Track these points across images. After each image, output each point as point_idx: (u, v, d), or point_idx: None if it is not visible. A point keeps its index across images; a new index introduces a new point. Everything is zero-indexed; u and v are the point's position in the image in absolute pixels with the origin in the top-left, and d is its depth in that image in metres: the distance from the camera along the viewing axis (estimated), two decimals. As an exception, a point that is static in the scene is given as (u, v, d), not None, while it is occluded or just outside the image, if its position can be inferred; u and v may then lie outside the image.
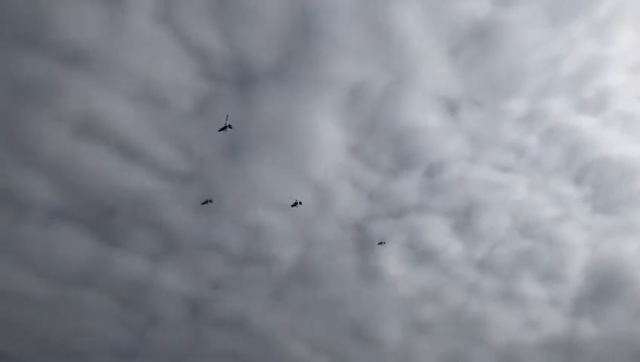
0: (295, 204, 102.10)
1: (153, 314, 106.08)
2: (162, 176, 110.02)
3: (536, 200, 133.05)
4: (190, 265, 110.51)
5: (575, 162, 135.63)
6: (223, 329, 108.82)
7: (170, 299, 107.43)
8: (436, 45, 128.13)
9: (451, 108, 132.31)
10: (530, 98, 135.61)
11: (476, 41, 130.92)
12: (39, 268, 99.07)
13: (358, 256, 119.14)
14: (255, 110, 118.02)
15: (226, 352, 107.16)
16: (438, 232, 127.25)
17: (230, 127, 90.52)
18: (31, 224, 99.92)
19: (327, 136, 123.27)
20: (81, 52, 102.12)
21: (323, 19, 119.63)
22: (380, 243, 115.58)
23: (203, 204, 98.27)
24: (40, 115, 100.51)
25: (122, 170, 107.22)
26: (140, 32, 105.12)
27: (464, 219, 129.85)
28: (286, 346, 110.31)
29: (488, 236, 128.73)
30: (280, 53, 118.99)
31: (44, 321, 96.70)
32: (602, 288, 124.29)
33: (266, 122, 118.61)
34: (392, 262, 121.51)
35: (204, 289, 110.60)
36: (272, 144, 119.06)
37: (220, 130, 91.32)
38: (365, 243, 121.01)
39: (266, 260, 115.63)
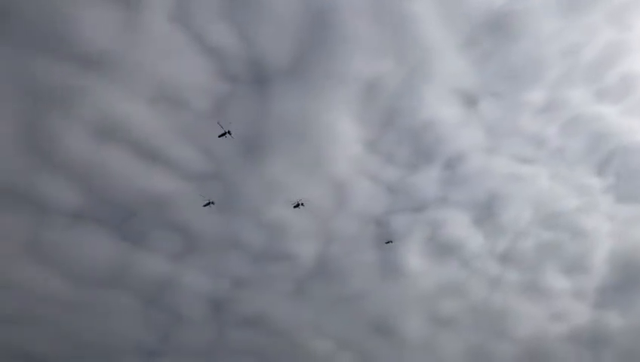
0: (297, 205, 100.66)
1: (177, 314, 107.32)
2: (182, 176, 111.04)
3: (559, 191, 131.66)
4: (212, 264, 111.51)
5: (597, 151, 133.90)
6: (245, 327, 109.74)
7: (193, 298, 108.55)
8: (452, 37, 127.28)
9: (469, 100, 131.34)
10: (549, 88, 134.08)
11: (492, 32, 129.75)
12: (64, 270, 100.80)
13: (379, 252, 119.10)
14: (272, 108, 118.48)
15: (249, 350, 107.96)
16: (459, 225, 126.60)
17: (229, 132, 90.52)
18: (55, 227, 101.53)
19: (344, 132, 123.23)
20: (99, 55, 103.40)
21: (337, 15, 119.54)
22: (388, 243, 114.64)
23: (205, 206, 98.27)
24: (61, 119, 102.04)
25: (143, 172, 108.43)
26: (156, 34, 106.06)
27: (485, 212, 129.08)
28: (308, 343, 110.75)
29: (510, 228, 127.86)
30: (295, 51, 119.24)
31: (70, 321, 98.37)
32: (628, 278, 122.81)
33: (283, 120, 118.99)
34: (413, 257, 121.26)
35: (227, 288, 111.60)
36: (289, 141, 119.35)
37: (219, 136, 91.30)
38: (386, 238, 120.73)
39: (286, 257, 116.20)
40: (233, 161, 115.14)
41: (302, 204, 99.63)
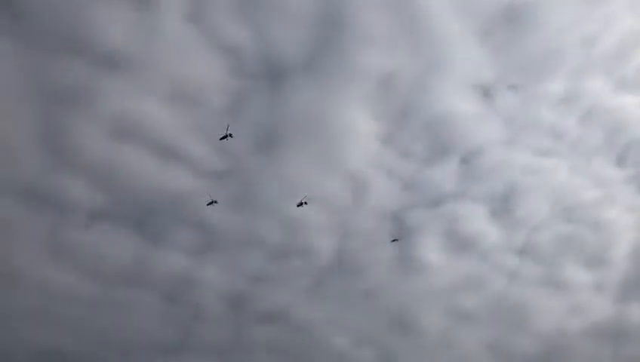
0: (301, 204, 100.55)
1: (196, 310, 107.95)
2: (199, 173, 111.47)
3: (578, 183, 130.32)
4: (230, 261, 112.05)
5: (616, 142, 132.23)
6: (264, 323, 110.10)
7: (212, 294, 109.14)
8: (467, 29, 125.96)
9: (486, 92, 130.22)
10: (567, 79, 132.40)
11: (508, 23, 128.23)
12: (84, 268, 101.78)
13: (396, 246, 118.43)
14: (287, 104, 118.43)
15: (268, 345, 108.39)
16: (476, 219, 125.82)
17: (231, 135, 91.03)
18: (75, 226, 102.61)
19: (360, 127, 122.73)
20: (115, 55, 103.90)
21: (350, 9, 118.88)
22: (394, 241, 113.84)
23: (208, 205, 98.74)
24: (78, 118, 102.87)
25: (160, 170, 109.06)
26: (171, 33, 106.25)
27: (503, 205, 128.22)
28: (327, 338, 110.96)
29: (528, 221, 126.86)
30: (309, 46, 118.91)
31: (90, 319, 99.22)
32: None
33: (299, 116, 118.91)
34: (431, 251, 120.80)
35: (245, 284, 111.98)
36: (305, 138, 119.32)
37: (220, 139, 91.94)
38: (403, 233, 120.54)
39: (304, 253, 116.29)
40: (249, 158, 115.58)
41: (305, 203, 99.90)
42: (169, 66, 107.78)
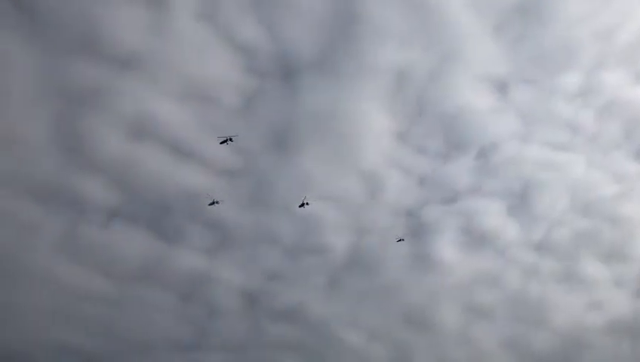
0: (303, 205, 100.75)
1: (212, 308, 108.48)
2: (214, 172, 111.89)
3: (595, 177, 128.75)
4: (245, 258, 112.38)
5: (635, 136, 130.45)
6: (279, 320, 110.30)
7: (228, 292, 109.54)
8: (481, 23, 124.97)
9: (501, 87, 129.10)
10: (583, 72, 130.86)
11: (523, 16, 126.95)
12: (102, 267, 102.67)
13: (412, 243, 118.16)
14: (301, 102, 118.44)
15: (284, 342, 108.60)
16: (493, 215, 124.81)
17: (231, 139, 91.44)
18: (92, 225, 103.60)
19: (374, 124, 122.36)
20: (130, 55, 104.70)
21: (364, 5, 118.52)
22: (399, 241, 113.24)
23: (210, 205, 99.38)
24: (95, 119, 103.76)
25: (175, 168, 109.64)
26: (184, 32, 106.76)
27: (520, 201, 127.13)
28: (343, 335, 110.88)
29: (546, 217, 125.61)
30: (323, 43, 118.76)
31: (107, 317, 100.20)
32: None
33: (313, 113, 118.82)
34: (447, 248, 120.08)
35: (260, 282, 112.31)
36: (319, 135, 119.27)
37: (221, 143, 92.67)
38: (418, 229, 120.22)
39: (319, 250, 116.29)
40: (264, 157, 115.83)
41: (307, 203, 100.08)
42: (183, 66, 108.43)
